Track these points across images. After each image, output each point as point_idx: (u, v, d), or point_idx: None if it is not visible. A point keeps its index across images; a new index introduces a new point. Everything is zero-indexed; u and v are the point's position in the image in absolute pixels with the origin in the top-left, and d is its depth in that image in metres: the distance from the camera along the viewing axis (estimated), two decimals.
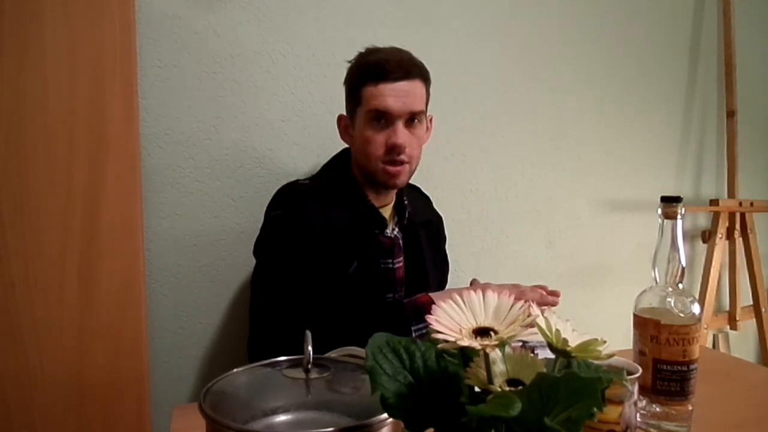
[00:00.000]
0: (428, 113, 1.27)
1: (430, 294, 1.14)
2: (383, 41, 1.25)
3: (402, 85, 1.15)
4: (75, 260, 1.12)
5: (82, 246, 1.13)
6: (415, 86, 1.18)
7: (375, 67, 1.17)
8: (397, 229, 1.28)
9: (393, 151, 1.16)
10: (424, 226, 1.35)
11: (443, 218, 1.47)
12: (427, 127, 1.27)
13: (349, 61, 1.25)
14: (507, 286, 1.17)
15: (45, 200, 1.10)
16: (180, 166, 1.41)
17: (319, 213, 1.15)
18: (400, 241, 1.28)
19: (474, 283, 1.31)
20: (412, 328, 1.06)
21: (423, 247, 1.32)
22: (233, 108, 1.45)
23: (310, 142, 1.53)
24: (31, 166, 1.09)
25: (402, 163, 1.18)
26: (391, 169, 1.17)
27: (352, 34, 1.55)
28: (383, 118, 1.16)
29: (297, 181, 1.26)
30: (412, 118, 1.18)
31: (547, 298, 1.18)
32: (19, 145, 1.08)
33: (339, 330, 0.99)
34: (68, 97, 1.11)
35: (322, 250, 1.14)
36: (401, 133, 1.16)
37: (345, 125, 1.26)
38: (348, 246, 1.17)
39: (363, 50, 1.24)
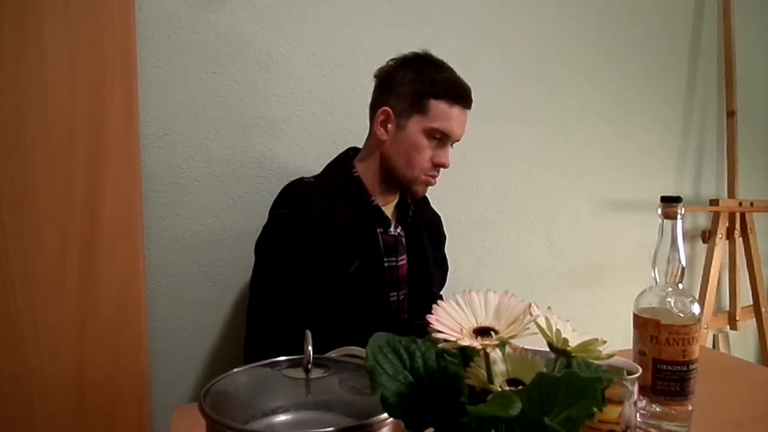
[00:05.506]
0: None
1: None
2: (383, 41, 1.25)
3: (466, 114, 1.24)
4: (75, 260, 1.12)
5: (82, 246, 1.12)
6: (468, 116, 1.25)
7: (455, 88, 1.21)
8: (400, 228, 1.29)
9: (437, 169, 1.24)
10: (425, 225, 1.36)
11: (442, 218, 1.47)
12: None
13: (401, 60, 1.24)
14: None
15: (45, 200, 1.10)
16: (180, 166, 1.41)
17: (323, 212, 1.15)
18: (404, 239, 1.28)
19: None
20: None
21: (425, 245, 1.32)
22: (233, 108, 1.45)
23: (310, 142, 1.53)
24: (31, 166, 1.09)
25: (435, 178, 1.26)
26: (432, 181, 1.26)
27: (352, 34, 1.55)
28: (441, 137, 1.21)
29: (302, 178, 1.25)
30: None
31: None
32: (19, 145, 1.08)
33: (339, 331, 0.98)
34: (68, 97, 1.11)
35: (324, 249, 1.14)
36: (449, 156, 1.25)
37: (385, 120, 1.23)
38: (350, 245, 1.17)
39: (422, 55, 1.24)
